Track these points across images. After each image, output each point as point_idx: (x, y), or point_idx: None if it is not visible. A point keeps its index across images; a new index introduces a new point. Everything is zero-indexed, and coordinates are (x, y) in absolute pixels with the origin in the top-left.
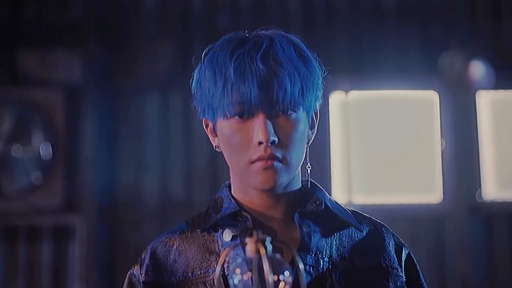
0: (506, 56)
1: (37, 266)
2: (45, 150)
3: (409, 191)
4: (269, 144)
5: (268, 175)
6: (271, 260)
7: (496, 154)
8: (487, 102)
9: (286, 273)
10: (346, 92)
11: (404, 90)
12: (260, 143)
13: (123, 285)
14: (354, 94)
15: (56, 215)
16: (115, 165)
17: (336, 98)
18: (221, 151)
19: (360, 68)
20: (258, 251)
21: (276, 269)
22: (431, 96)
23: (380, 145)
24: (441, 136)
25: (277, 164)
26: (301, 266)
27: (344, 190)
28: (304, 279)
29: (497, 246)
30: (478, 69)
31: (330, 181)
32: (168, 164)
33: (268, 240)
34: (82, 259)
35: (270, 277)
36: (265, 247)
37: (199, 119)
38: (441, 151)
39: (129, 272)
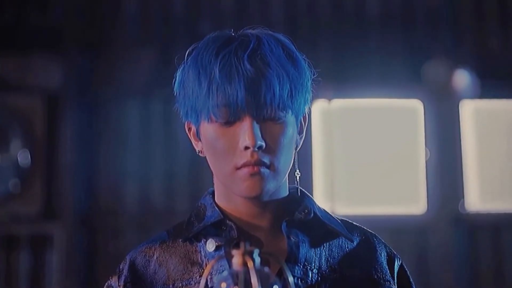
0: (490, 65)
1: (15, 275)
2: (23, 157)
3: (392, 201)
4: (256, 149)
5: (255, 182)
6: (259, 273)
7: (480, 164)
8: (471, 111)
9: (276, 287)
10: (329, 100)
11: (388, 99)
12: (246, 148)
13: None
14: (337, 102)
15: (34, 223)
16: (95, 172)
17: (319, 106)
18: (205, 156)
19: (343, 76)
20: (245, 264)
21: (264, 283)
22: (415, 105)
23: (363, 154)
24: (425, 146)
25: (264, 170)
26: (290, 279)
27: (327, 201)
28: None
29: (481, 258)
30: (462, 78)
31: (312, 191)
32: (148, 172)
33: (256, 252)
34: (61, 268)
35: None
36: (253, 260)
37: (181, 125)
38: (425, 161)
39: (106, 284)
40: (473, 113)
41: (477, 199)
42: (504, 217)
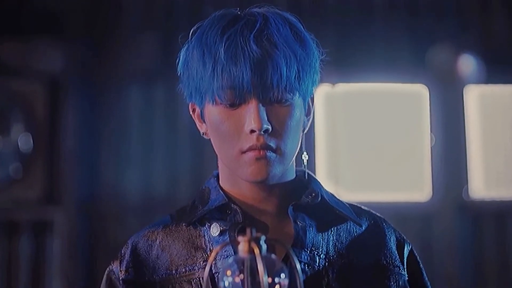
0: (496, 50)
1: (15, 261)
2: (24, 142)
3: (396, 188)
4: (262, 133)
5: (261, 166)
6: (265, 260)
7: (486, 151)
8: (476, 97)
9: (282, 275)
10: (333, 84)
11: (392, 84)
12: (252, 131)
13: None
14: (341, 86)
15: (35, 208)
16: (97, 158)
17: (322, 91)
18: (209, 139)
19: (347, 61)
20: (251, 251)
21: (271, 271)
22: (421, 90)
23: (367, 139)
24: (431, 131)
25: (270, 154)
26: (298, 266)
27: (330, 187)
28: (301, 281)
29: (485, 245)
30: (467, 63)
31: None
32: (150, 158)
33: (262, 239)
34: (62, 254)
35: (265, 280)
36: (260, 247)
37: (184, 111)
38: (431, 147)
39: (108, 269)
40: (478, 98)
41: (482, 186)
42: (509, 204)
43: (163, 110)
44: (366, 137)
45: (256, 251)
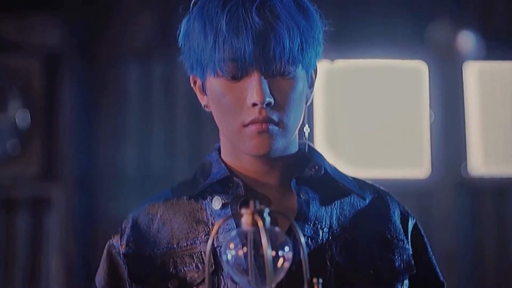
0: (495, 26)
1: (13, 238)
2: (22, 118)
3: (395, 165)
4: (265, 106)
5: (263, 139)
6: (269, 233)
7: (485, 127)
8: (476, 73)
9: (286, 248)
10: (332, 60)
11: (391, 60)
12: (254, 104)
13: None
14: (340, 63)
15: (33, 185)
16: (95, 133)
17: (321, 67)
18: (210, 112)
19: (346, 37)
20: (255, 224)
21: (274, 244)
22: (420, 66)
23: (366, 116)
24: (430, 108)
25: (272, 127)
26: (302, 239)
27: None
28: (305, 254)
29: (484, 222)
30: (467, 39)
31: None
32: (149, 133)
33: (266, 211)
34: (60, 230)
35: (269, 253)
36: (263, 219)
37: (182, 86)
38: (430, 124)
39: (108, 243)
40: (477, 74)
41: (481, 163)
42: (508, 181)
43: (161, 85)
44: (365, 113)
45: (260, 223)
